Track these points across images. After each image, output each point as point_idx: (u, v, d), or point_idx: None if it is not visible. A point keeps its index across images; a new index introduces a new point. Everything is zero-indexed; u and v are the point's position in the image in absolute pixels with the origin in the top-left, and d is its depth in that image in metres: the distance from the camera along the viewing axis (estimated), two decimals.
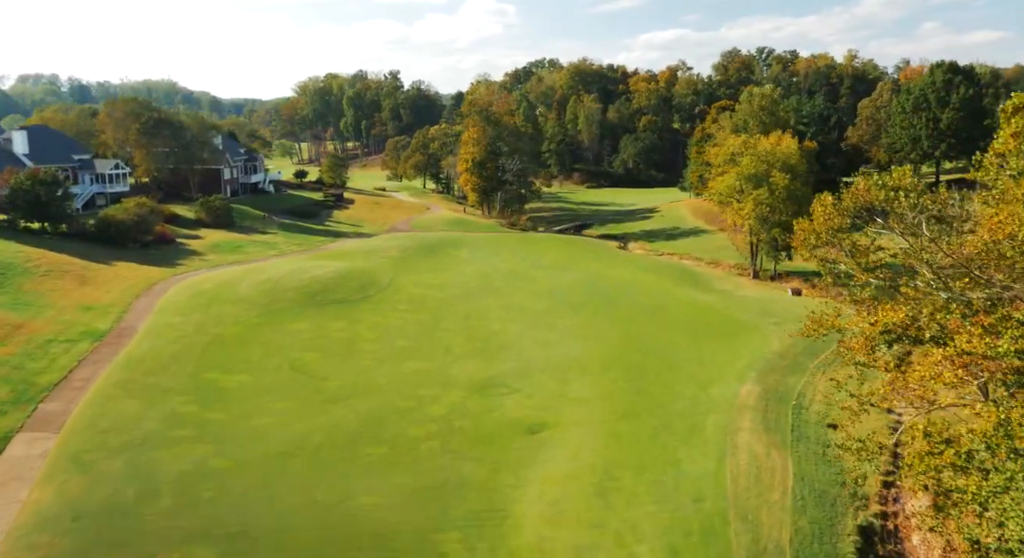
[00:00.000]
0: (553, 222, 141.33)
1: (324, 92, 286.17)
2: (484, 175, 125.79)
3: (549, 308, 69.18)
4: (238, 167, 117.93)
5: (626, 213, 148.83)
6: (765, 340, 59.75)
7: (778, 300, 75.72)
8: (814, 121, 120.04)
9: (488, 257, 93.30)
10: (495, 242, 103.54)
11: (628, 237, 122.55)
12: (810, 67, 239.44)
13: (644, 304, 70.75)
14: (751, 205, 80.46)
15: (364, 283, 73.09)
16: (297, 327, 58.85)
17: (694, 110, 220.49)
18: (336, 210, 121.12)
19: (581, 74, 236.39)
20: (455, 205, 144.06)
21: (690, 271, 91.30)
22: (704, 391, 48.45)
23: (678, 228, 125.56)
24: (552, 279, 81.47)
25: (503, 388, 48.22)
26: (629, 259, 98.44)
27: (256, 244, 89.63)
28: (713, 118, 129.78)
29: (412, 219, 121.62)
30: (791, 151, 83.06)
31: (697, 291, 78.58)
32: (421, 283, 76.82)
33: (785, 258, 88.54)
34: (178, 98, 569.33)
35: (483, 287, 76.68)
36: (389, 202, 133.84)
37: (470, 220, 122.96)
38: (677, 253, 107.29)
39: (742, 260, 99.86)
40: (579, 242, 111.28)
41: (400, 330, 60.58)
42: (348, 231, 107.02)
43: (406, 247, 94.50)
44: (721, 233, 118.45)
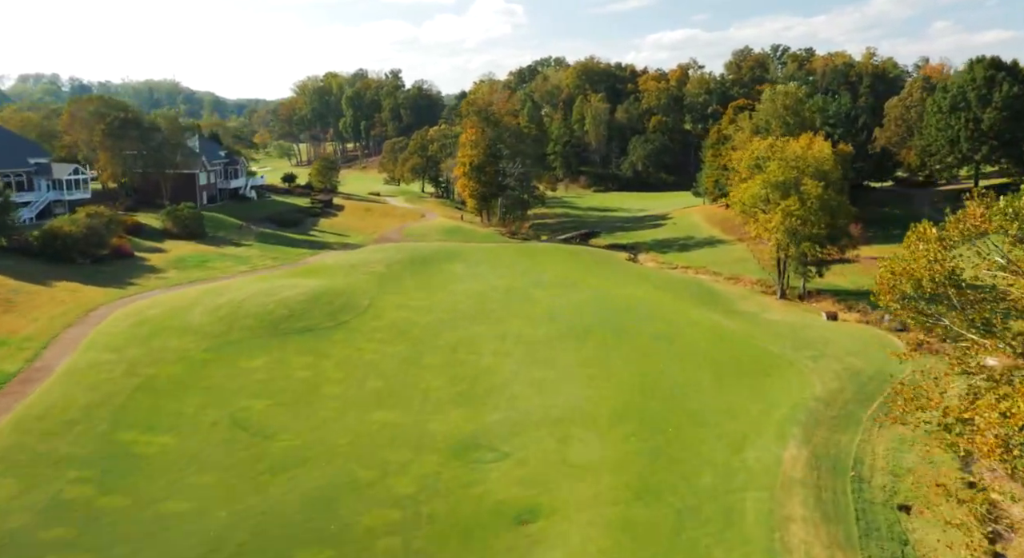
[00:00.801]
0: (557, 230, 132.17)
1: (323, 92, 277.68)
2: (483, 180, 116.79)
3: (550, 337, 60.04)
4: (216, 171, 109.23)
5: (635, 220, 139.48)
6: (804, 381, 50.50)
7: (811, 326, 66.35)
8: (841, 122, 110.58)
9: (484, 272, 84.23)
10: (493, 254, 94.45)
11: (638, 247, 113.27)
12: (827, 65, 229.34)
13: (659, 332, 61.52)
14: (779, 217, 71.11)
15: (339, 306, 64.08)
16: (251, 364, 49.87)
17: (707, 110, 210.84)
18: (323, 218, 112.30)
19: (588, 73, 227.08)
20: (453, 211, 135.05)
21: (708, 288, 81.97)
22: (737, 455, 39.23)
23: (692, 237, 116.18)
24: (554, 299, 72.35)
25: (489, 451, 39.09)
26: (640, 274, 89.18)
27: (226, 258, 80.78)
28: (730, 119, 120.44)
29: (405, 227, 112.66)
30: (824, 155, 73.71)
31: (718, 314, 69.27)
32: (405, 305, 67.79)
33: (815, 275, 79.12)
34: (180, 98, 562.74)
35: (475, 310, 67.59)
36: (381, 208, 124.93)
37: (467, 228, 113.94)
38: (692, 266, 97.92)
39: (765, 276, 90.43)
40: (585, 253, 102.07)
41: (374, 367, 51.52)
42: (332, 242, 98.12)
43: (393, 261, 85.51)
44: (740, 244, 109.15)
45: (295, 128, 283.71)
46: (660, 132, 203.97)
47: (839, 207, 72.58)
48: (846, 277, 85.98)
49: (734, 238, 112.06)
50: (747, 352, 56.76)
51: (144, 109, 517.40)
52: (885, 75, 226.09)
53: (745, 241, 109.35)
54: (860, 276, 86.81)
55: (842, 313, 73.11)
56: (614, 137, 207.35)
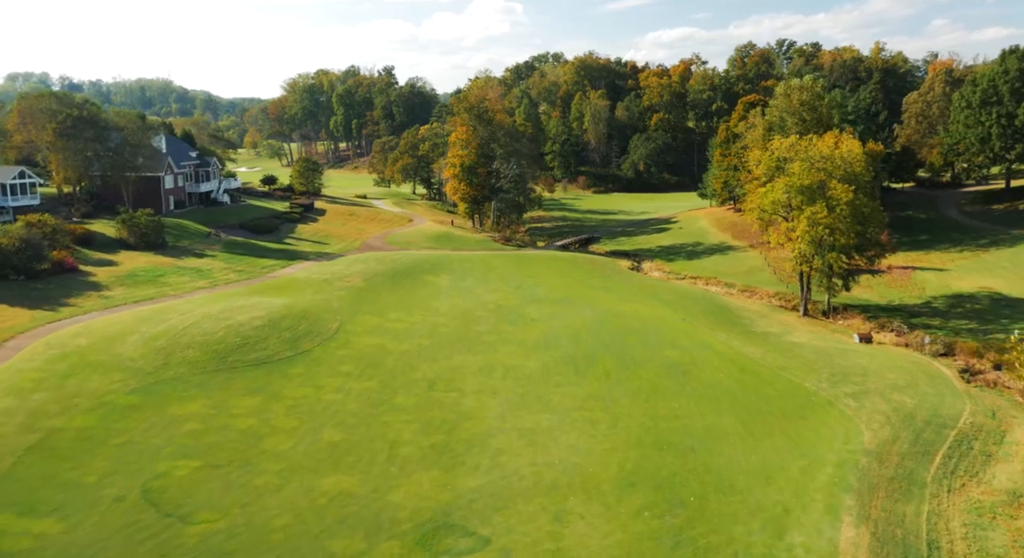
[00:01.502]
0: (555, 234, 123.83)
1: (314, 90, 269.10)
2: (475, 182, 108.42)
3: (545, 369, 51.72)
4: (185, 174, 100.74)
5: (638, 224, 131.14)
6: (848, 427, 42.18)
7: (844, 351, 58.01)
8: (861, 118, 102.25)
9: (473, 286, 75.89)
10: (484, 264, 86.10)
11: (642, 255, 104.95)
12: (835, 60, 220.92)
13: (671, 361, 53.21)
14: (804, 225, 62.76)
15: (303, 331, 55.70)
16: (184, 410, 41.50)
17: (711, 107, 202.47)
18: (301, 224, 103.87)
19: (587, 69, 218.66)
20: (443, 215, 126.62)
21: (721, 304, 73.59)
22: (781, 539, 30.94)
23: (700, 244, 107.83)
24: (551, 320, 64.05)
25: (464, 535, 30.78)
26: (645, 286, 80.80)
27: (184, 272, 72.38)
28: (740, 115, 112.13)
29: (390, 233, 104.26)
30: (854, 156, 65.32)
31: (736, 337, 60.93)
32: (381, 328, 59.43)
33: (841, 289, 70.76)
34: (172, 97, 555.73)
35: (460, 334, 59.23)
36: (366, 213, 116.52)
37: (458, 234, 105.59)
38: (702, 277, 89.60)
39: (783, 288, 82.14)
40: (584, 262, 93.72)
41: (333, 412, 43.16)
42: (309, 251, 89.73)
43: (373, 273, 77.16)
44: (752, 251, 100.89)
45: (285, 127, 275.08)
46: (662, 130, 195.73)
47: (872, 214, 64.23)
48: (874, 290, 77.68)
49: (745, 244, 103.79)
50: (776, 388, 48.44)
51: (137, 108, 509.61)
52: (896, 70, 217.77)
53: (758, 248, 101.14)
54: (890, 289, 78.53)
55: (875, 333, 64.86)
56: (614, 135, 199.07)
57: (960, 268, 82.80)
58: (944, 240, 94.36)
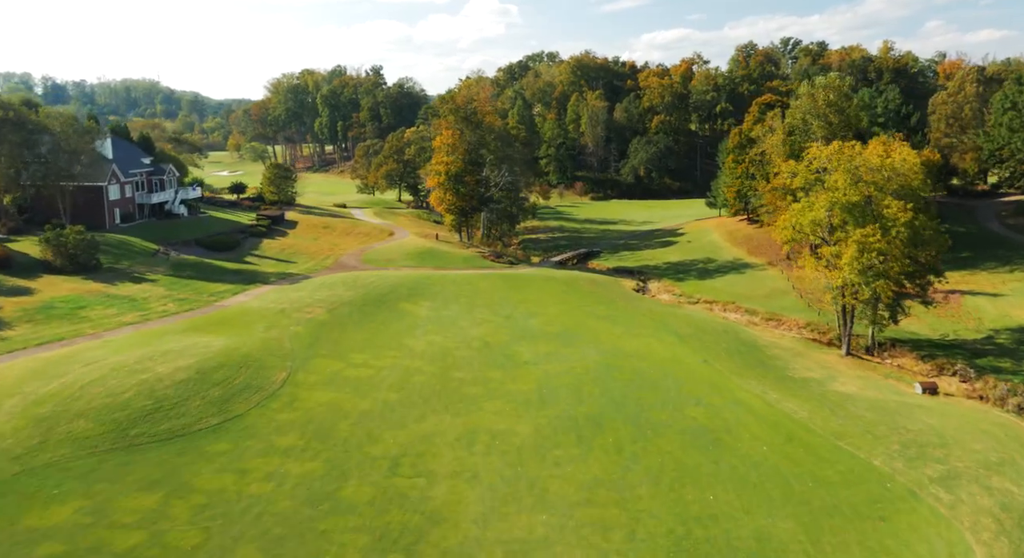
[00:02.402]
0: (551, 248, 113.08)
1: (298, 90, 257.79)
2: (462, 192, 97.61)
3: (539, 436, 40.92)
4: (136, 183, 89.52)
5: (641, 235, 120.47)
6: (949, 537, 31.40)
7: (907, 406, 47.34)
8: (891, 121, 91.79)
9: (456, 316, 65.06)
10: (471, 287, 75.29)
11: (648, 272, 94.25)
12: (844, 60, 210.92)
13: (697, 424, 42.50)
14: (854, 251, 52.03)
15: (239, 386, 44.76)
16: (46, 521, 30.53)
17: (714, 108, 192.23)
18: (267, 238, 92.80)
19: (584, 68, 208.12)
20: (429, 227, 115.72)
21: (746, 339, 62.84)
22: None
23: (712, 260, 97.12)
24: (547, 362, 53.31)
25: None
26: (655, 314, 70.02)
27: (114, 302, 61.30)
28: (755, 117, 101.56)
29: (367, 250, 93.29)
30: (911, 166, 54.66)
31: (772, 386, 50.21)
32: (339, 378, 48.52)
33: (889, 321, 60.05)
34: (159, 97, 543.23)
35: (437, 383, 48.37)
36: (342, 225, 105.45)
37: (443, 250, 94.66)
38: (718, 300, 78.95)
39: (813, 315, 71.52)
40: (585, 283, 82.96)
41: (255, 515, 32.21)
42: (271, 272, 78.71)
43: (340, 302, 66.22)
44: (772, 269, 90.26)
45: (268, 130, 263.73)
46: (663, 133, 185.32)
47: (933, 237, 53.61)
48: (922, 320, 67.04)
49: (763, 261, 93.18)
50: (837, 468, 37.69)
51: (123, 109, 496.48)
52: (906, 70, 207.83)
53: (778, 266, 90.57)
54: (940, 319, 67.91)
55: (936, 378, 54.29)
56: (613, 139, 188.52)
57: (1017, 293, 72.28)
58: (989, 258, 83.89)
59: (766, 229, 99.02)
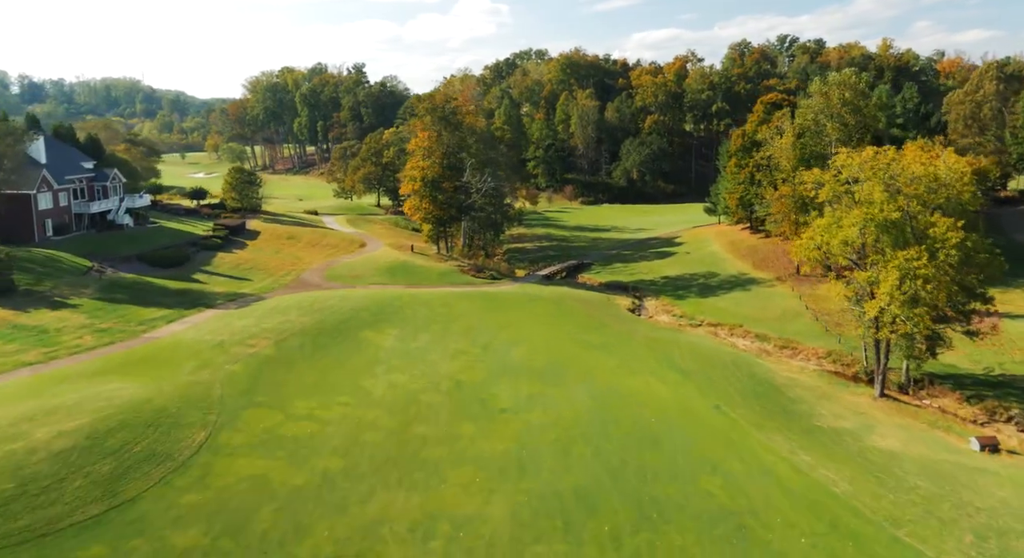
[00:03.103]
0: (538, 258, 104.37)
1: (277, 89, 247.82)
2: (439, 199, 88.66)
3: (516, 524, 32.16)
4: (73, 190, 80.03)
5: (635, 245, 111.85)
6: None
7: (966, 469, 38.89)
8: (911, 121, 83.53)
9: (427, 348, 56.20)
10: (446, 310, 66.45)
11: (643, 289, 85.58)
12: (843, 58, 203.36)
13: (717, 507, 33.86)
14: (895, 278, 43.43)
15: (140, 454, 35.73)
16: None
17: (710, 108, 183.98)
18: (223, 252, 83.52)
19: (574, 66, 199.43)
20: (405, 236, 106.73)
21: (763, 376, 54.24)
22: None
23: (715, 275, 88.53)
24: (530, 409, 44.64)
25: None
26: (654, 342, 61.35)
27: (19, 335, 52.07)
28: (760, 118, 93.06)
29: (333, 264, 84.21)
30: (959, 176, 46.16)
31: (800, 443, 41.64)
32: (273, 438, 39.54)
33: (927, 354, 51.53)
34: (139, 97, 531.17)
35: (394, 444, 39.50)
36: (309, 235, 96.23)
37: (418, 264, 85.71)
38: (723, 323, 70.42)
39: (832, 342, 63.20)
40: (575, 303, 74.26)
41: None
42: (219, 293, 69.53)
43: (292, 331, 57.20)
44: (780, 286, 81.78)
45: (247, 130, 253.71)
46: (657, 134, 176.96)
47: (990, 262, 45.14)
48: (961, 350, 58.48)
49: (771, 276, 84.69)
50: None
51: (102, 109, 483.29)
52: (908, 68, 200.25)
53: (787, 282, 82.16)
54: (982, 348, 59.49)
55: (989, 425, 45.93)
56: (604, 140, 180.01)
57: None
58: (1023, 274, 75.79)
59: (773, 241, 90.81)
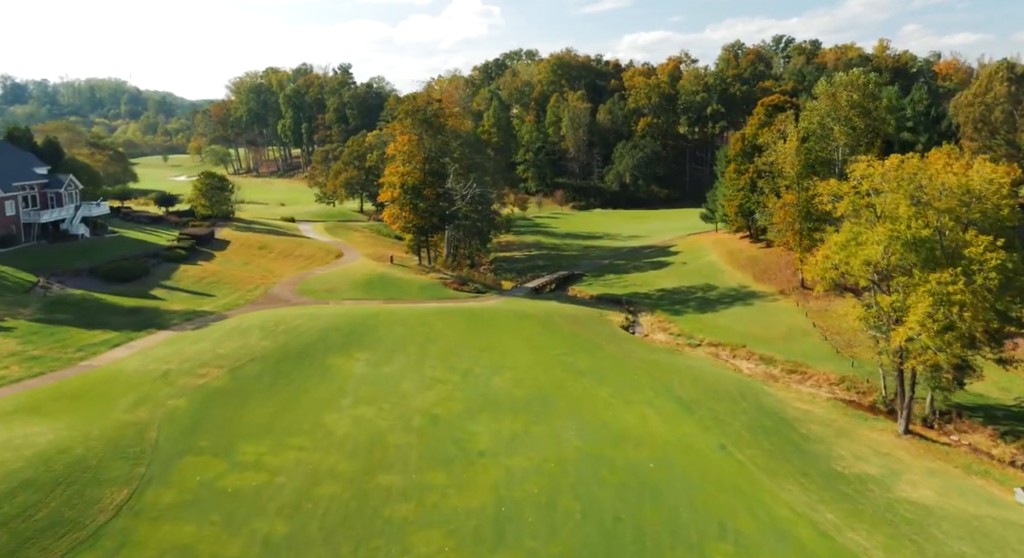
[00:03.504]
0: (526, 268, 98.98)
1: (261, 90, 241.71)
2: (420, 207, 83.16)
3: None
4: (23, 198, 74.17)
5: (629, 253, 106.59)
6: None
7: (1019, 530, 33.68)
8: (922, 125, 78.61)
9: (400, 375, 50.72)
10: (424, 329, 60.96)
11: (638, 303, 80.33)
12: (839, 59, 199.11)
13: None
14: (927, 304, 38.19)
15: (39, 525, 30.07)
16: None
17: (705, 110, 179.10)
18: (187, 264, 77.75)
19: (565, 66, 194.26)
20: (386, 244, 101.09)
21: (771, 407, 48.97)
22: None
23: (713, 287, 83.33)
24: (511, 452, 39.28)
25: None
26: (651, 367, 56.06)
27: None
28: (761, 121, 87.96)
29: (306, 277, 78.58)
30: (996, 189, 40.97)
31: (818, 495, 36.37)
32: (210, 493, 33.90)
33: (954, 385, 46.37)
34: (124, 97, 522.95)
35: (351, 501, 33.95)
36: (282, 245, 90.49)
37: (397, 276, 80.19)
38: (726, 343, 65.14)
39: (844, 365, 58.08)
40: (564, 321, 68.82)
41: None
42: (176, 311, 63.79)
43: (250, 356, 51.59)
44: (784, 300, 76.63)
45: (230, 131, 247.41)
46: (650, 136, 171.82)
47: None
48: (988, 378, 53.44)
49: (773, 290, 79.53)
50: None
51: (86, 110, 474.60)
52: (906, 70, 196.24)
53: (791, 296, 77.04)
54: (1013, 376, 54.35)
55: None
56: (596, 143, 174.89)
57: None
58: None
59: (775, 251, 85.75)
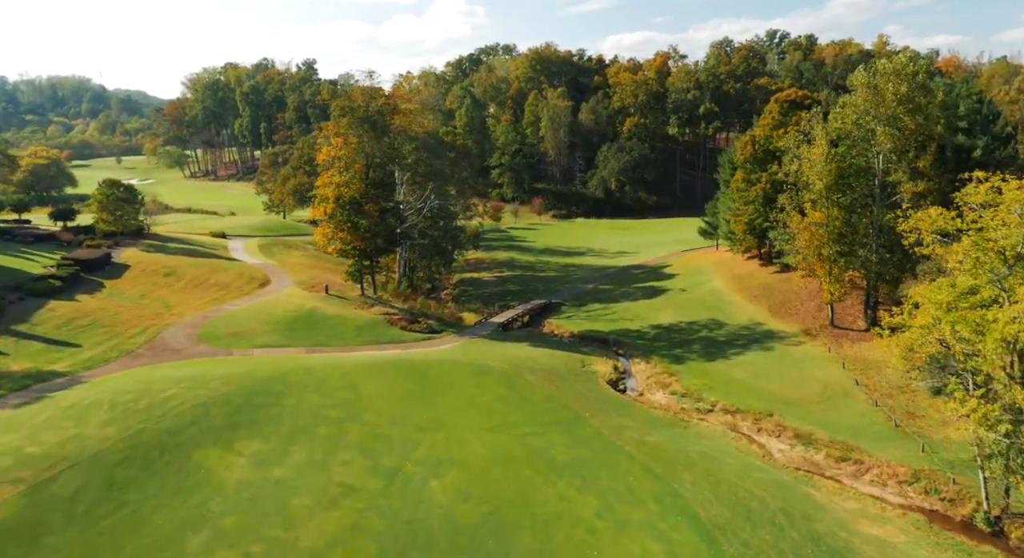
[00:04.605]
0: (495, 295, 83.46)
1: (219, 87, 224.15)
2: (362, 226, 67.27)
3: None
4: None
5: (616, 274, 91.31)
6: None
7: None
8: (978, 126, 64.02)
9: (294, 485, 35.20)
10: (347, 397, 45.38)
11: (628, 344, 65.01)
12: (839, 55, 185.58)
13: None
14: None
15: None
16: None
17: (697, 110, 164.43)
18: (62, 298, 61.24)
19: (544, 62, 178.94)
20: (329, 268, 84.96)
21: (827, 530, 33.82)
22: None
23: (721, 324, 68.13)
24: None
25: None
26: (652, 455, 40.75)
27: None
28: (775, 120, 73.03)
29: (215, 314, 62.55)
30: None
31: None
32: None
33: None
34: (88, 96, 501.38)
35: None
36: (195, 270, 74.13)
37: (330, 314, 64.36)
38: (747, 409, 49.89)
39: (909, 446, 43.05)
40: (535, 377, 53.29)
41: None
42: (13, 372, 47.50)
43: (72, 457, 35.67)
44: (809, 341, 61.56)
45: (185, 131, 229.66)
46: (637, 138, 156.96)
47: None
48: None
49: (795, 328, 64.51)
50: None
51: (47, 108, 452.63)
52: None
53: (818, 337, 62.10)
54: None
55: None
56: (578, 145, 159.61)
57: None
58: None
59: (791, 278, 70.89)
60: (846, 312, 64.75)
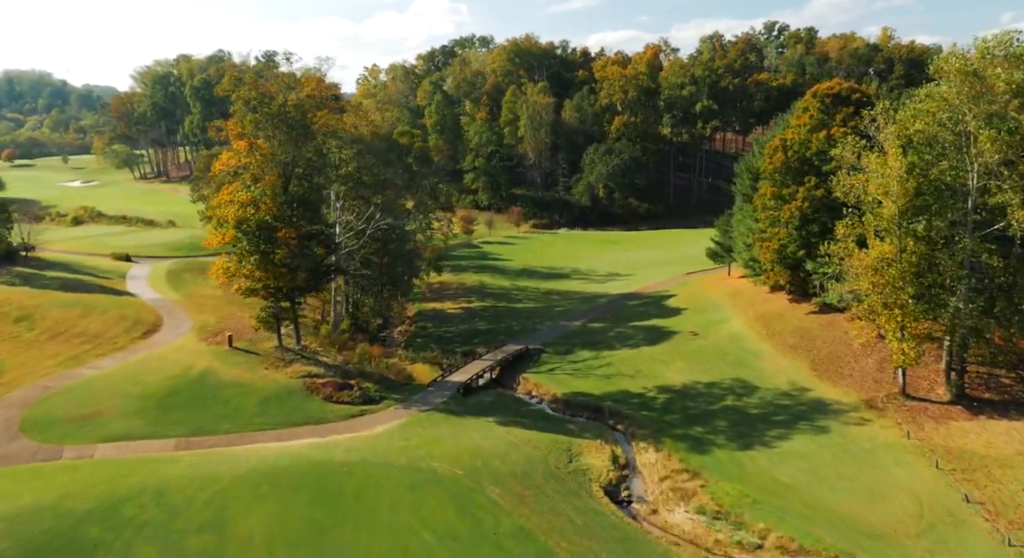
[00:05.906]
0: (459, 336, 66.79)
1: (170, 80, 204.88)
2: (276, 257, 50.17)
3: None
4: None
5: (608, 306, 74.88)
6: None
7: None
8: None
9: None
10: (212, 540, 28.62)
11: (628, 417, 48.46)
12: (844, 49, 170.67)
13: None
14: None
15: None
16: None
17: (692, 107, 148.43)
18: None
19: (523, 54, 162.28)
20: (248, 304, 67.56)
21: None
22: None
23: (751, 387, 51.75)
24: None
25: None
26: None
27: None
28: (816, 121, 56.87)
29: (65, 380, 45.44)
30: None
31: None
32: None
33: None
34: (46, 91, 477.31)
35: None
36: (59, 312, 56.72)
37: (228, 378, 47.45)
38: (815, 550, 33.50)
39: None
40: (501, 489, 36.86)
41: None
42: None
43: None
44: (875, 417, 45.25)
45: (133, 129, 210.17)
46: (627, 139, 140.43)
47: None
48: None
49: (853, 395, 48.45)
50: None
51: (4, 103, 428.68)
52: (922, 62, 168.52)
53: (885, 411, 46.02)
54: None
55: None
56: (561, 146, 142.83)
57: None
58: None
59: (835, 319, 54.85)
60: (918, 373, 48.86)
